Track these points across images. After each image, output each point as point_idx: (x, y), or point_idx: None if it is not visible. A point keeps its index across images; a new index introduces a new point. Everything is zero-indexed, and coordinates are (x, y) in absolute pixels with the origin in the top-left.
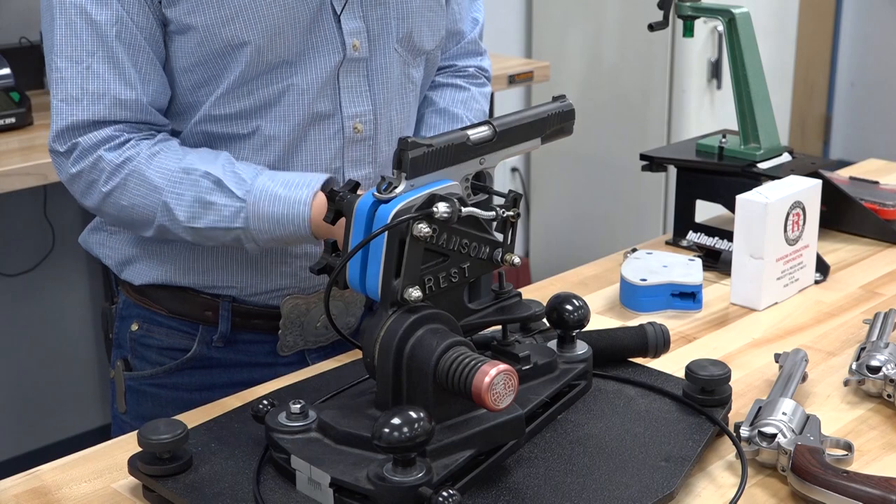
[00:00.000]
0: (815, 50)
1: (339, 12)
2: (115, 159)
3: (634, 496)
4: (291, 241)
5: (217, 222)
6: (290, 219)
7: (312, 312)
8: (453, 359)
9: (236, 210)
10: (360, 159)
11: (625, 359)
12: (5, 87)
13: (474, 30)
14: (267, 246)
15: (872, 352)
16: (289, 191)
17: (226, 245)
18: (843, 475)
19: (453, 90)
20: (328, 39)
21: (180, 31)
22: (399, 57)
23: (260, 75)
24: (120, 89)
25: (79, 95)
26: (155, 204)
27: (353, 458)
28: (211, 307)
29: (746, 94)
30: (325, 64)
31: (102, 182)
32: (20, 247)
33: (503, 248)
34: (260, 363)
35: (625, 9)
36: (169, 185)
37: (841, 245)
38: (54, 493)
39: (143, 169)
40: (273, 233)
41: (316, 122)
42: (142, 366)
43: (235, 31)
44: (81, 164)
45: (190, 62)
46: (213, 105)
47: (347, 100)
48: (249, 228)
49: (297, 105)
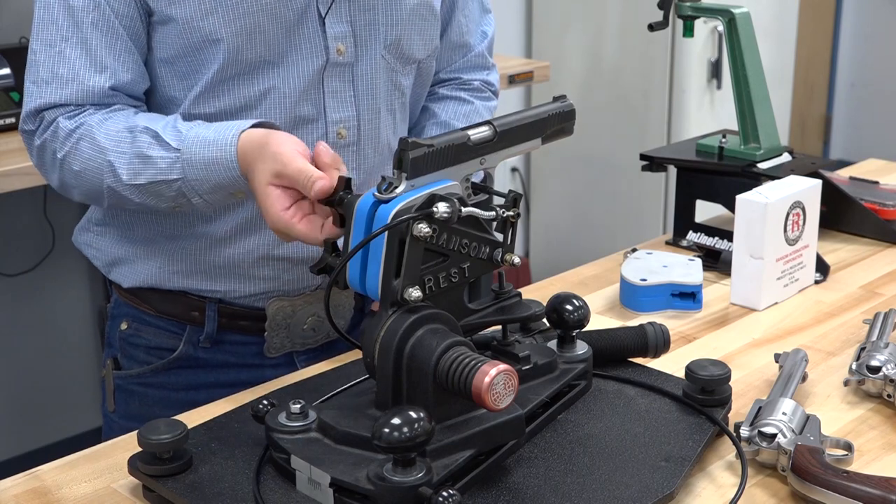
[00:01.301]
0: (815, 50)
1: (325, 15)
2: (70, 125)
3: (634, 496)
4: (228, 185)
5: (156, 175)
6: (220, 161)
7: (298, 315)
8: (453, 359)
9: (172, 161)
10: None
11: (625, 359)
12: (5, 87)
13: (482, 43)
14: (211, 199)
15: (872, 352)
16: (217, 134)
17: (176, 205)
18: (843, 475)
19: (456, 103)
20: (311, 42)
21: (162, 21)
22: (386, 64)
23: (239, 74)
24: (89, 75)
25: (48, 78)
26: (102, 166)
27: (353, 458)
28: (198, 308)
29: (746, 94)
30: (307, 67)
31: (58, 148)
32: (20, 247)
33: (503, 248)
34: (247, 364)
35: (625, 9)
36: (113, 145)
37: (841, 245)
38: (54, 493)
39: (93, 132)
40: (209, 180)
41: (298, 126)
42: (130, 365)
43: (213, 26)
44: (44, 134)
45: (170, 54)
46: (192, 103)
47: (331, 105)
48: (187, 178)
49: (279, 108)
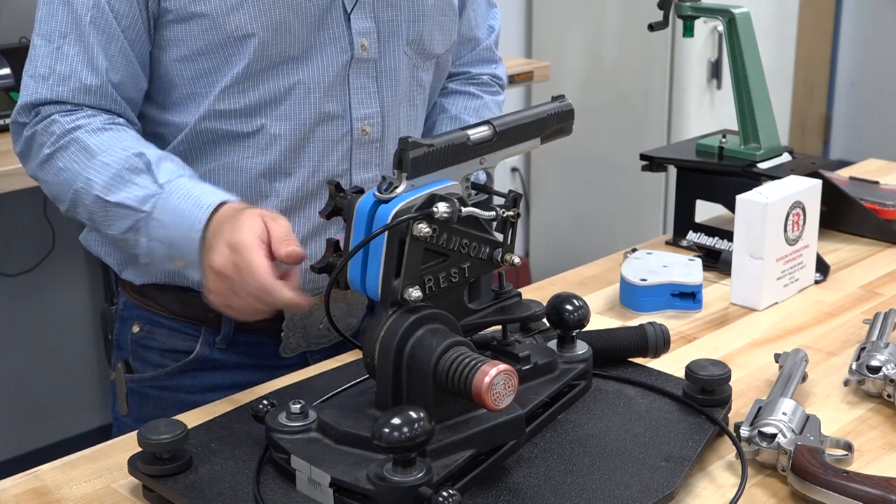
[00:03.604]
0: (815, 50)
1: (350, 11)
2: (67, 124)
3: (634, 496)
4: (178, 242)
5: (126, 199)
6: (188, 215)
7: (315, 314)
8: (453, 359)
9: (150, 194)
10: (367, 161)
11: (625, 359)
12: (5, 87)
13: (490, 37)
14: (155, 249)
15: (872, 352)
16: (202, 193)
17: (121, 238)
18: (843, 475)
19: (466, 98)
20: (336, 37)
21: (182, 19)
22: (408, 59)
23: (265, 70)
24: (86, 74)
25: (46, 74)
26: (80, 170)
27: (353, 458)
28: (213, 308)
29: (746, 94)
30: (332, 62)
31: (49, 144)
32: (20, 247)
33: (503, 248)
34: (262, 365)
35: (625, 9)
36: (101, 154)
37: (841, 245)
38: (54, 493)
39: (87, 137)
40: (168, 229)
41: (323, 122)
42: (143, 368)
43: (241, 22)
44: (37, 126)
45: (191, 51)
46: (216, 100)
47: (357, 101)
48: (153, 217)
49: (303, 103)
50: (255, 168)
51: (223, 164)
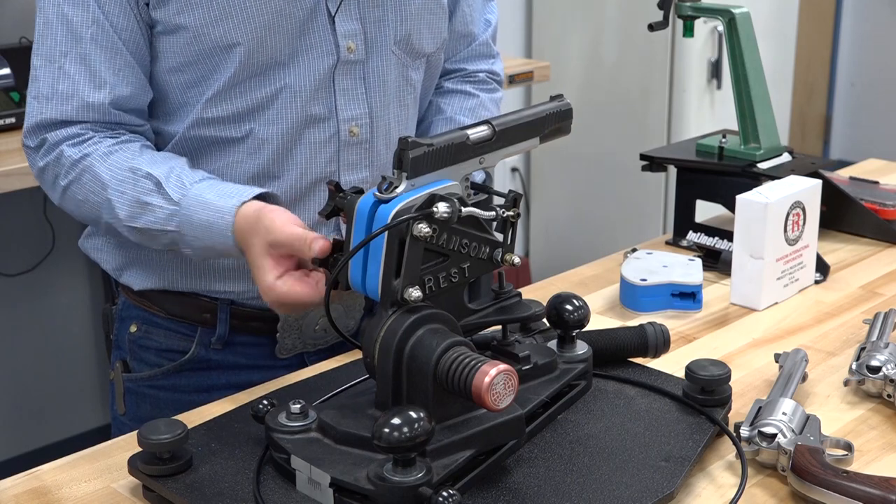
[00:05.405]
0: (815, 50)
1: (334, 13)
2: (75, 155)
3: (634, 496)
4: (222, 250)
5: (152, 223)
6: (217, 227)
7: (310, 315)
8: (453, 359)
9: (170, 213)
10: (356, 163)
11: (625, 359)
12: (5, 87)
13: (486, 31)
14: (202, 254)
15: (872, 352)
16: (219, 199)
17: (167, 248)
18: (843, 475)
19: (462, 97)
20: (321, 41)
21: (169, 31)
22: (397, 59)
23: (251, 77)
24: (89, 91)
25: (49, 94)
26: (101, 201)
27: (353, 458)
28: (209, 310)
29: (746, 94)
30: (318, 66)
31: (62, 176)
32: (20, 247)
33: (503, 248)
34: (259, 365)
35: (625, 9)
36: (114, 183)
37: (841, 245)
38: (54, 493)
39: (96, 165)
40: (203, 240)
41: (310, 125)
42: (140, 367)
43: (225, 32)
44: (47, 158)
45: (179, 62)
46: (204, 107)
47: (343, 102)
48: (182, 233)
49: (290, 107)
50: (244, 172)
51: (213, 170)
